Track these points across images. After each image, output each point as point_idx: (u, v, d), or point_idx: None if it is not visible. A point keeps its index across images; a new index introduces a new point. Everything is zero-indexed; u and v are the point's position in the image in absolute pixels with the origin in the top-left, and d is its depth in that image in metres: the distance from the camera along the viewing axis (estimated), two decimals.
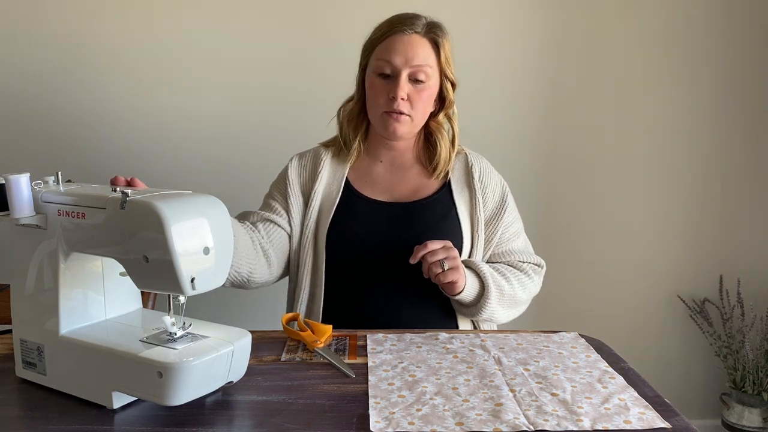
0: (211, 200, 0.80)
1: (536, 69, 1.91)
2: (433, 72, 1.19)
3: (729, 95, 1.97)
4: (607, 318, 2.04)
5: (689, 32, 1.92)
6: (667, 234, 2.04)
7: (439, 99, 1.25)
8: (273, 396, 0.83)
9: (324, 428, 0.75)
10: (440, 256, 1.08)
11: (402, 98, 1.17)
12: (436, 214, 1.23)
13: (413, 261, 1.09)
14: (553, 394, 0.83)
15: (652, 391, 0.86)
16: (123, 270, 0.80)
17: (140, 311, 0.93)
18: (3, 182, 0.80)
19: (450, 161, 1.27)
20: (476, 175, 1.28)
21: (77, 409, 0.79)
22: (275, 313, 1.23)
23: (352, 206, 1.23)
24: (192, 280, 0.74)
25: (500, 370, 0.91)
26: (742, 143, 2.01)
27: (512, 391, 0.84)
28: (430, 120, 1.26)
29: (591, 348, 1.01)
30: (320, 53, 1.82)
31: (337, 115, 1.31)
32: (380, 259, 1.19)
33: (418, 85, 1.18)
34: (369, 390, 0.84)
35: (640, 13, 1.90)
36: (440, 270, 1.08)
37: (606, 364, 0.94)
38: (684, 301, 2.06)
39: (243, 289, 1.21)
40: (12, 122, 1.78)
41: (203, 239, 0.75)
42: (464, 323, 1.23)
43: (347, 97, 1.29)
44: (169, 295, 0.81)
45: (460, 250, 1.21)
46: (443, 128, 1.27)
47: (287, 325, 1.05)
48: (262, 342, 1.01)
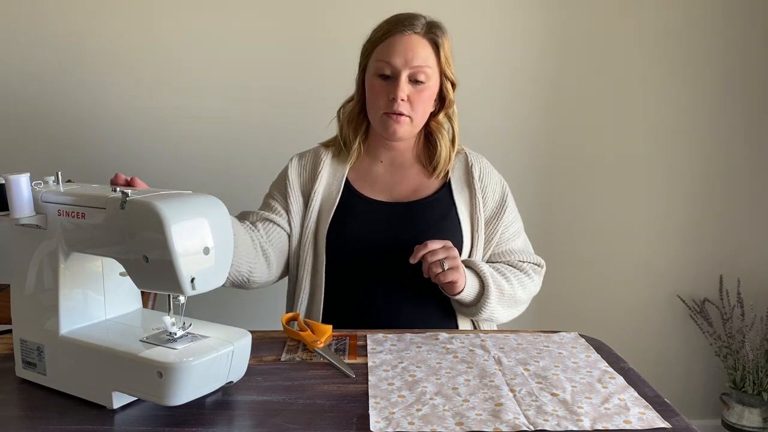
0: (211, 200, 0.80)
1: (536, 69, 1.91)
2: (433, 72, 1.19)
3: (729, 95, 1.97)
4: (607, 318, 2.04)
5: (689, 32, 1.93)
6: (667, 234, 2.04)
7: (439, 99, 1.24)
8: (273, 396, 0.83)
9: (324, 428, 0.75)
10: (440, 256, 1.08)
11: (402, 99, 1.17)
12: (436, 214, 1.23)
13: (413, 261, 1.09)
14: (553, 394, 0.83)
15: (652, 391, 0.86)
16: (123, 270, 0.80)
17: (140, 311, 0.93)
18: (3, 182, 0.80)
19: (450, 161, 1.27)
20: (476, 175, 1.28)
21: (77, 409, 0.79)
22: (275, 313, 1.23)
23: (352, 206, 1.23)
24: (192, 280, 0.74)
25: (500, 370, 0.91)
26: (742, 143, 2.01)
27: (512, 391, 0.84)
28: (431, 120, 1.26)
29: (591, 348, 1.01)
30: (320, 53, 1.82)
31: (337, 116, 1.30)
32: (380, 259, 1.19)
33: (418, 86, 1.18)
34: (369, 390, 0.84)
35: (640, 13, 1.91)
36: (440, 270, 1.08)
37: (606, 364, 0.94)
38: (684, 301, 2.06)
39: (244, 289, 1.21)
40: (12, 122, 1.78)
41: (203, 239, 0.75)
42: (464, 323, 1.23)
43: (347, 98, 1.29)
44: (169, 295, 0.82)
45: (460, 250, 1.21)
46: (443, 128, 1.27)
47: (287, 325, 1.05)
48: (262, 342, 1.01)
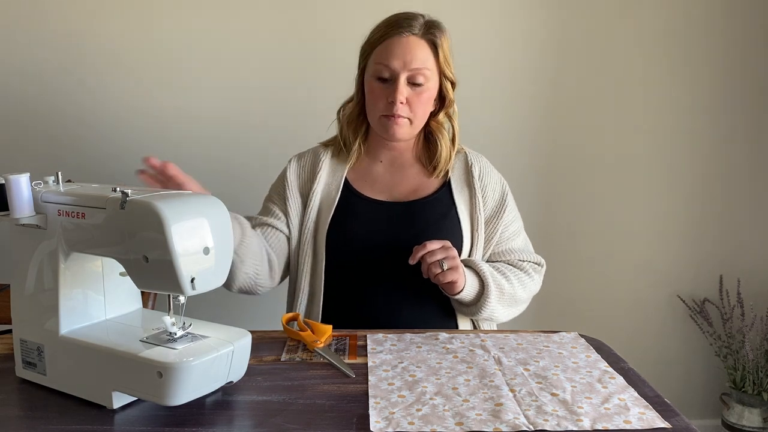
0: (211, 200, 0.80)
1: (536, 69, 1.91)
2: (432, 73, 1.19)
3: (729, 95, 1.97)
4: (607, 318, 2.04)
5: (689, 32, 1.92)
6: (667, 234, 2.04)
7: (439, 98, 1.24)
8: (273, 396, 0.83)
9: (324, 428, 0.75)
10: (439, 257, 1.08)
11: (401, 102, 1.17)
12: (436, 214, 1.23)
13: (412, 261, 1.09)
14: (553, 394, 0.83)
15: (652, 391, 0.86)
16: (123, 270, 0.80)
17: (140, 311, 0.93)
18: (3, 182, 0.80)
19: (450, 160, 1.27)
20: (476, 174, 1.28)
21: (77, 409, 0.79)
22: (275, 313, 1.23)
23: (352, 206, 1.23)
24: (192, 280, 0.74)
25: (500, 370, 0.91)
26: (742, 143, 2.01)
27: (512, 391, 0.84)
28: (431, 119, 1.26)
29: (591, 348, 1.01)
30: (320, 53, 1.82)
31: (337, 116, 1.30)
32: (380, 259, 1.18)
33: (417, 88, 1.18)
34: (369, 390, 0.84)
35: (640, 13, 1.90)
36: (439, 270, 1.08)
37: (606, 364, 0.94)
38: (684, 301, 2.06)
39: (250, 295, 1.21)
40: (12, 122, 1.78)
41: (203, 239, 0.75)
42: (464, 323, 1.23)
43: (347, 98, 1.29)
44: (169, 295, 0.81)
45: (460, 249, 1.21)
46: (443, 127, 1.27)
47: (287, 325, 1.05)
48: (262, 342, 1.01)
